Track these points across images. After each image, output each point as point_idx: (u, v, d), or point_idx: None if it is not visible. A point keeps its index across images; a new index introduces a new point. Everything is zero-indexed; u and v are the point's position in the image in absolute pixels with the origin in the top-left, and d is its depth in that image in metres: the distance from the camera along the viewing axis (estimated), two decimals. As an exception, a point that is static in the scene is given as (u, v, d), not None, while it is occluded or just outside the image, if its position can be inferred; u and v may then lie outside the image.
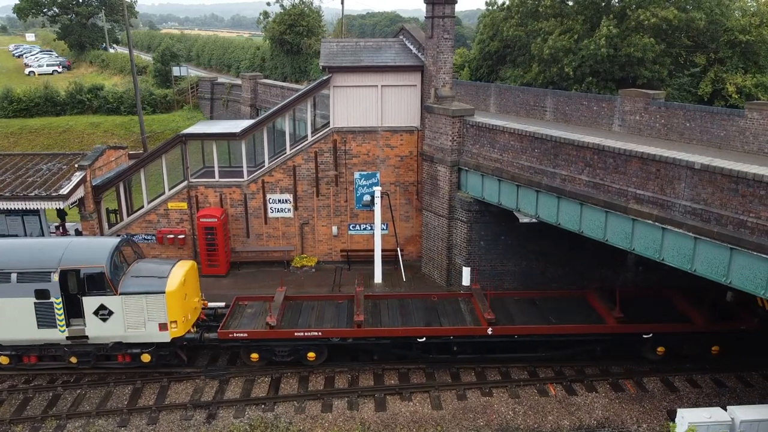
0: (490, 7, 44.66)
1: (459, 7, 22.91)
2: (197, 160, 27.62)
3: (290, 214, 25.99)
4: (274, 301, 20.30)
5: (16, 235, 26.86)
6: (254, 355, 19.08)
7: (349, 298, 21.26)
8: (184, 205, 25.58)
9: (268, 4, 58.25)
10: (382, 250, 24.54)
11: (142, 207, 25.87)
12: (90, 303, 18.03)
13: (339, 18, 64.06)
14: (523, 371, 19.36)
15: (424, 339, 19.01)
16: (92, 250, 18.49)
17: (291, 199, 25.77)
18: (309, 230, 26.21)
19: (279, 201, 25.78)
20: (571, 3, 39.32)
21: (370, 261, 24.90)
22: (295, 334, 18.74)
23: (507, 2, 42.56)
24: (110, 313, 18.11)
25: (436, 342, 19.21)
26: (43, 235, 27.40)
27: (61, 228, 27.33)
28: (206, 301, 21.15)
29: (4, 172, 25.08)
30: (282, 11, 56.06)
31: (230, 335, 18.77)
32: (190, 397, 18.06)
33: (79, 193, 24.11)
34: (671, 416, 16.68)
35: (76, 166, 24.76)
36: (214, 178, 25.63)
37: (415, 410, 17.50)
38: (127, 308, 18.10)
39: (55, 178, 24.30)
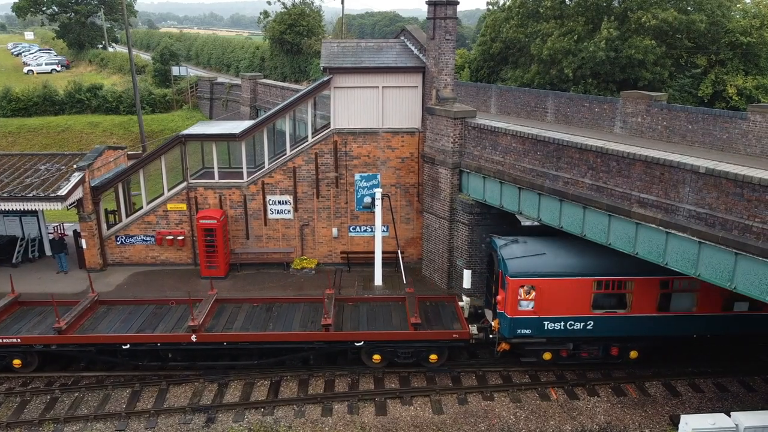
0: (492, 7, 44.56)
1: (459, 8, 22.78)
2: (197, 161, 27.48)
3: (290, 216, 25.85)
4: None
5: (14, 236, 26.82)
6: None
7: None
8: (184, 206, 25.44)
9: (269, 3, 58.14)
10: (383, 252, 24.40)
11: (141, 208, 25.71)
12: None
13: (339, 18, 63.93)
14: (525, 375, 19.25)
15: (128, 346, 18.66)
16: None
17: (291, 201, 25.62)
18: (309, 232, 26.07)
19: (279, 202, 25.63)
20: (571, 4, 39.21)
21: (371, 263, 24.77)
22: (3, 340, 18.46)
23: (508, 3, 42.47)
24: None
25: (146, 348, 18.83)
26: (41, 236, 27.37)
27: (58, 229, 27.19)
28: None
29: (2, 172, 24.91)
30: (282, 11, 55.95)
31: None
32: (188, 401, 17.91)
33: (78, 193, 23.96)
34: (674, 422, 16.58)
35: (75, 166, 24.61)
36: (213, 179, 25.48)
37: (416, 414, 17.37)
38: None
39: (54, 178, 24.14)
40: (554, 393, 18.37)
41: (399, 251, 25.27)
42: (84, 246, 25.12)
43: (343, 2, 57.79)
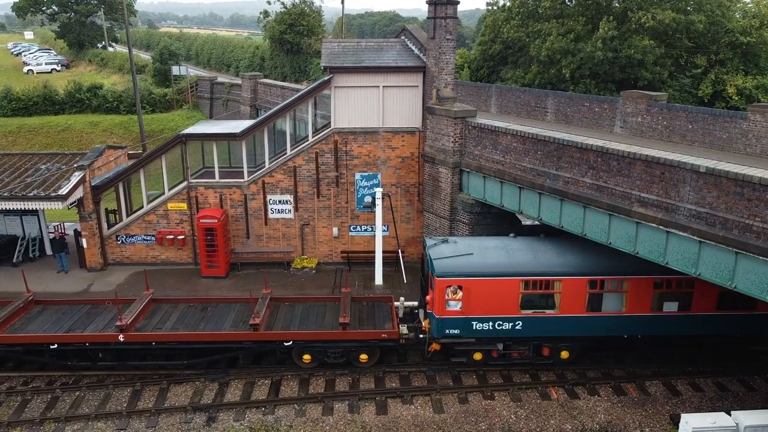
0: (491, 7, 44.54)
1: (459, 8, 22.79)
2: (197, 160, 27.48)
3: (291, 215, 25.87)
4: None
5: (15, 236, 26.81)
6: None
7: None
8: (184, 205, 25.45)
9: (269, 2, 58.14)
10: (383, 252, 24.43)
11: (142, 207, 25.72)
12: None
13: (339, 17, 63.94)
14: (525, 374, 19.28)
15: (55, 346, 18.51)
16: None
17: (291, 200, 25.64)
18: (309, 231, 26.09)
19: (279, 202, 25.65)
20: (571, 4, 39.21)
21: (371, 262, 24.79)
22: None
23: (508, 3, 42.46)
24: None
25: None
26: (41, 235, 27.37)
27: (59, 228, 27.19)
28: None
29: (3, 171, 24.93)
30: (282, 11, 55.94)
31: None
32: (189, 400, 17.93)
33: (78, 193, 23.97)
34: (674, 421, 16.61)
35: (75, 166, 24.62)
36: (214, 178, 25.49)
37: (417, 414, 17.39)
38: None
39: (54, 178, 24.16)
40: (555, 392, 18.39)
41: (399, 251, 25.29)
42: (84, 245, 25.13)
43: (343, 2, 57.78)
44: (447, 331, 18.54)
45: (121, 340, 18.54)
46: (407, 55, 24.83)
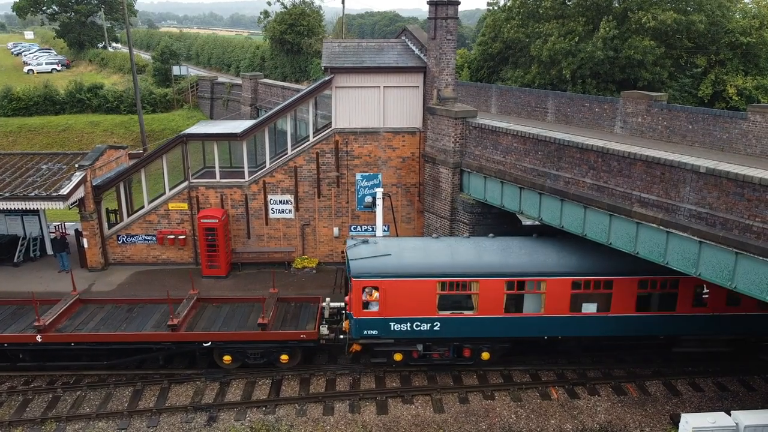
0: (492, 7, 44.56)
1: (459, 8, 22.82)
2: (198, 160, 27.51)
3: (291, 215, 25.90)
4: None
5: (16, 235, 26.85)
6: None
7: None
8: (185, 205, 25.48)
9: (269, 3, 58.14)
10: (384, 252, 24.42)
11: (143, 207, 25.75)
12: None
13: (339, 17, 63.95)
14: (526, 374, 19.31)
15: None
16: None
17: (292, 200, 25.68)
18: (310, 231, 26.12)
19: (280, 202, 25.68)
20: (571, 4, 39.25)
21: (372, 262, 24.78)
22: None
23: (508, 3, 42.48)
24: None
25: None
26: (42, 235, 27.40)
27: (60, 228, 27.22)
28: None
29: (4, 171, 24.96)
30: (283, 11, 55.95)
31: None
32: (190, 400, 17.96)
33: (80, 193, 24.00)
34: (674, 421, 16.64)
35: (76, 166, 24.66)
36: (214, 178, 25.53)
37: (417, 413, 17.43)
38: None
39: (55, 178, 24.19)
40: (555, 392, 18.43)
41: (400, 251, 25.28)
42: (85, 245, 25.16)
43: (343, 2, 57.76)
44: (365, 332, 18.45)
45: (39, 341, 18.39)
46: (408, 56, 24.86)
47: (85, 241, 25.09)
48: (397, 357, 18.95)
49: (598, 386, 18.70)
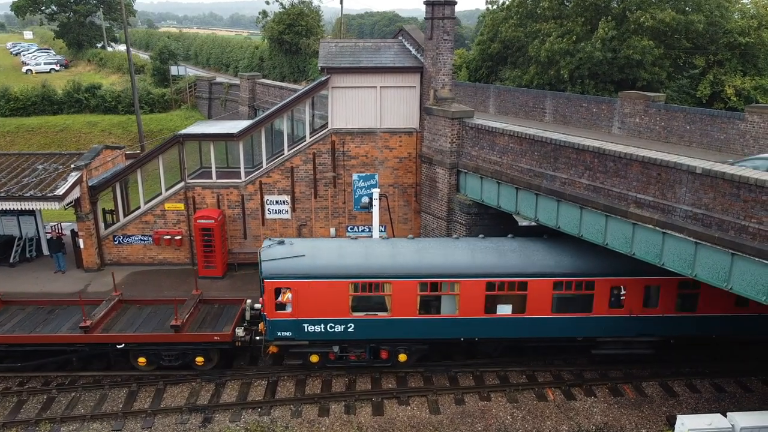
0: (491, 7, 44.48)
1: (458, 7, 22.76)
2: (195, 160, 27.46)
3: (288, 216, 25.84)
4: None
5: (12, 236, 26.79)
6: None
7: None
8: (181, 206, 25.42)
9: (267, 3, 58.10)
10: (380, 252, 24.36)
11: (139, 208, 25.69)
12: None
13: (338, 17, 63.92)
14: (522, 375, 19.25)
15: None
16: None
17: (289, 201, 25.61)
18: (307, 232, 26.05)
19: (277, 202, 25.62)
20: (570, 4, 39.20)
21: (368, 263, 24.72)
22: None
23: (507, 2, 42.42)
24: None
25: None
26: (38, 235, 27.34)
27: (56, 228, 27.14)
28: None
29: (0, 171, 24.88)
30: (281, 11, 55.92)
31: None
32: (185, 401, 17.90)
33: (75, 193, 23.94)
34: (671, 422, 16.58)
35: (72, 166, 24.59)
36: (211, 178, 25.46)
37: (413, 415, 17.37)
38: None
39: (51, 178, 24.13)
40: (551, 393, 18.37)
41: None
42: (81, 246, 25.10)
43: (341, 2, 57.75)
44: (279, 334, 18.32)
45: None
46: (404, 56, 24.80)
47: (81, 241, 25.03)
48: (314, 359, 18.82)
49: (594, 387, 18.64)
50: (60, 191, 22.87)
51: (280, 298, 18.09)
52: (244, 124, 26.41)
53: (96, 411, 17.41)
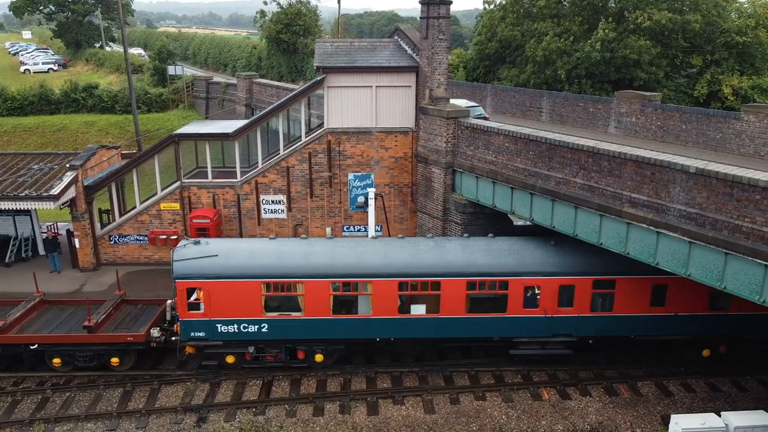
0: (488, 6, 44.42)
1: (456, 7, 22.87)
2: (191, 160, 27.44)
3: (284, 215, 25.82)
4: None
5: (7, 235, 26.75)
6: None
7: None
8: (177, 205, 25.39)
9: (265, 2, 58.02)
10: (376, 252, 24.34)
11: (135, 207, 25.66)
12: None
13: (336, 17, 63.87)
14: (517, 375, 19.24)
15: None
16: None
17: (284, 200, 25.59)
18: (303, 231, 26.03)
19: (272, 202, 25.61)
20: (567, 3, 39.17)
21: (364, 263, 24.70)
22: None
23: (503, 1, 42.37)
24: None
25: None
26: (34, 235, 27.30)
27: (52, 228, 27.10)
28: None
29: (-5, 171, 24.85)
30: (279, 10, 55.87)
31: None
32: (180, 401, 17.89)
33: (71, 193, 23.90)
34: (665, 421, 16.57)
35: (68, 166, 24.55)
36: (207, 178, 25.44)
37: (408, 414, 17.35)
38: None
39: (47, 178, 24.10)
40: (546, 393, 18.36)
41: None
42: (77, 245, 25.06)
43: (339, 2, 57.66)
44: (192, 334, 18.25)
45: None
46: (400, 55, 24.78)
47: (76, 241, 24.99)
48: (230, 359, 18.78)
49: (589, 387, 18.63)
50: (55, 191, 22.84)
51: (192, 298, 18.00)
52: (240, 123, 26.40)
53: (90, 411, 17.40)
